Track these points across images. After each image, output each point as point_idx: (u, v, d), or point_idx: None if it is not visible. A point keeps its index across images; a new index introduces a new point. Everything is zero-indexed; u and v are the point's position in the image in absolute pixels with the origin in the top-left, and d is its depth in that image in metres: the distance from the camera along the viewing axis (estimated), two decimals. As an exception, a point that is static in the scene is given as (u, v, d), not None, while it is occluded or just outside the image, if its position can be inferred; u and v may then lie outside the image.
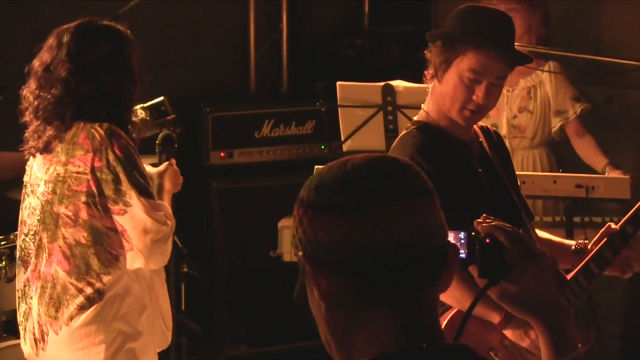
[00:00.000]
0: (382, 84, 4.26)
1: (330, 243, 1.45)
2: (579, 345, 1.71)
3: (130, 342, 3.21)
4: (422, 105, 3.11)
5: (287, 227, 4.53)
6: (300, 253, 1.48)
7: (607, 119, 5.17)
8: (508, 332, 2.93)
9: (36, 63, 3.17)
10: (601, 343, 4.94)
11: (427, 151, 2.95)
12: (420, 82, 4.80)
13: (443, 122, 3.03)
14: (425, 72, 3.07)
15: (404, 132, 3.13)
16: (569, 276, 2.94)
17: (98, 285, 3.18)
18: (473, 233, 1.66)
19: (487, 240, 1.65)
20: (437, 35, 2.99)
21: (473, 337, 2.88)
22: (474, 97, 2.94)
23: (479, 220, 1.69)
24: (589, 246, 3.03)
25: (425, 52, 3.03)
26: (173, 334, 4.38)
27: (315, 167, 4.38)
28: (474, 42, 2.90)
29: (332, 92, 4.39)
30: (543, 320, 1.69)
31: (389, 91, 4.23)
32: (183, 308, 4.98)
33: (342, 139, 4.30)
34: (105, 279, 3.17)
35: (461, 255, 1.60)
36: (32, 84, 3.20)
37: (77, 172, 3.14)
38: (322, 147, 5.37)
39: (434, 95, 3.04)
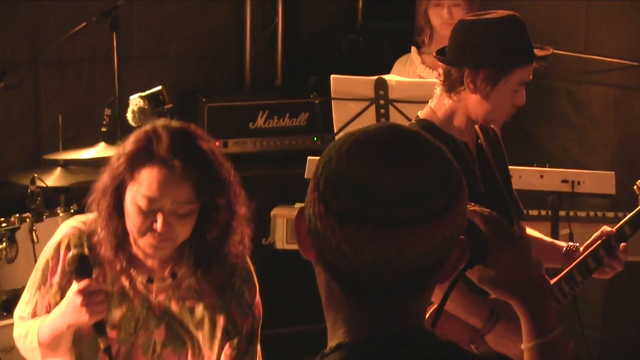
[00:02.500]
0: (375, 77, 4.25)
1: (314, 231, 1.44)
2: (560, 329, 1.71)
3: None
4: (430, 103, 3.11)
5: (279, 215, 4.54)
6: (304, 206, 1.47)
7: (592, 117, 5.18)
8: (489, 339, 2.95)
9: None
10: (584, 336, 4.96)
11: None
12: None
13: (451, 124, 3.07)
14: (442, 84, 3.07)
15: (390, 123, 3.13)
16: (553, 281, 2.96)
17: None
18: None
19: (464, 224, 1.65)
20: (480, 64, 2.99)
21: (455, 330, 2.89)
22: (517, 102, 3.06)
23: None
24: (581, 249, 3.04)
25: (449, 69, 3.04)
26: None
27: (308, 158, 4.38)
28: (525, 61, 3.03)
29: (325, 85, 4.39)
30: (523, 301, 1.68)
31: (381, 85, 4.23)
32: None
33: (335, 131, 4.30)
34: None
35: None
36: None
37: None
38: (315, 138, 5.37)
39: (454, 104, 3.05)
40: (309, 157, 4.37)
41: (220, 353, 2.69)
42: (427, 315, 2.47)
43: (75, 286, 2.49)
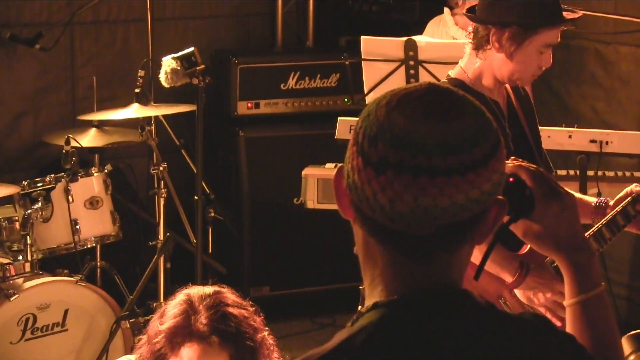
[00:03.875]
0: (404, 39, 4.23)
1: (353, 185, 1.43)
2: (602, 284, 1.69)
3: None
4: (460, 62, 3.10)
5: (310, 175, 4.53)
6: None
7: (621, 77, 5.13)
8: (519, 293, 2.94)
9: None
10: (611, 293, 4.95)
11: None
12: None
13: (481, 83, 3.05)
14: (470, 40, 3.05)
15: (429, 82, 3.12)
16: (587, 233, 2.93)
17: None
18: None
19: (511, 179, 1.63)
20: (505, 22, 2.97)
21: (485, 287, 2.89)
22: (543, 64, 3.03)
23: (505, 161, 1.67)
24: (611, 203, 3.01)
25: (477, 28, 3.03)
26: (200, 275, 4.41)
27: (339, 118, 4.37)
28: (550, 22, 2.99)
29: (356, 46, 4.37)
30: (567, 256, 1.65)
31: (411, 46, 4.20)
32: (210, 251, 5.02)
33: (365, 92, 4.28)
34: None
35: None
36: None
37: None
38: (346, 99, 5.35)
39: (485, 63, 3.03)
40: (339, 118, 4.36)
41: None
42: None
43: None
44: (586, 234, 2.94)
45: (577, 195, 3.13)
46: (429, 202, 1.38)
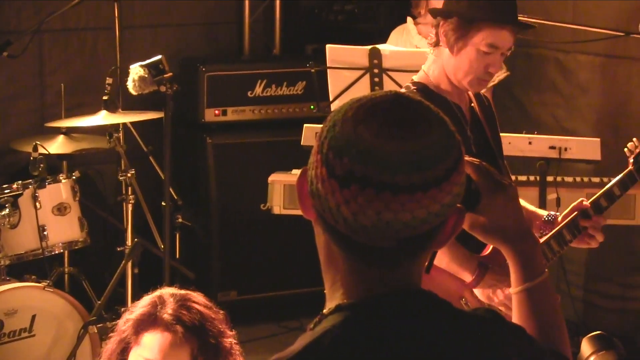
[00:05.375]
0: (369, 47, 4.24)
1: (316, 193, 1.43)
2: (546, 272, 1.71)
3: None
4: (423, 67, 3.09)
5: (277, 181, 4.54)
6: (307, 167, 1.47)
7: (580, 84, 5.18)
8: (478, 291, 2.96)
9: None
10: (570, 296, 4.99)
11: None
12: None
13: (442, 86, 3.03)
14: (429, 40, 3.05)
15: (403, 91, 3.12)
16: (542, 239, 2.95)
17: None
18: None
19: (462, 194, 1.65)
20: (449, 12, 2.96)
21: (446, 289, 2.91)
22: (489, 68, 2.97)
23: None
24: (559, 218, 3.03)
25: (434, 23, 3.02)
26: (168, 279, 4.40)
27: (305, 125, 4.38)
28: (491, 19, 2.93)
29: (322, 54, 4.37)
30: (513, 246, 1.67)
31: (375, 54, 4.22)
32: (178, 256, 5.00)
33: (330, 99, 4.29)
34: None
35: None
36: None
37: None
38: (312, 107, 5.36)
39: (439, 61, 3.03)
40: (305, 125, 4.36)
41: None
42: None
43: None
44: (547, 236, 2.96)
45: (530, 207, 3.16)
46: (391, 217, 1.39)
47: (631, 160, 3.10)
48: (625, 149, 3.14)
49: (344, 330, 1.42)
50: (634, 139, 3.17)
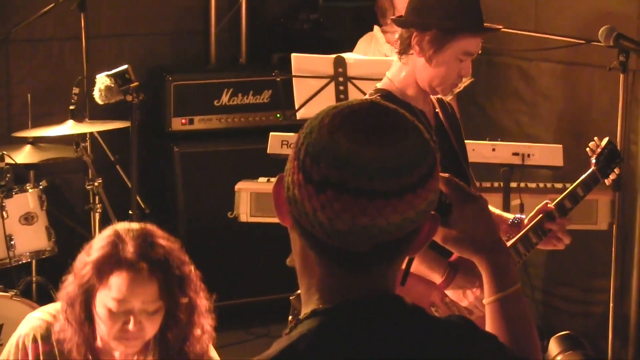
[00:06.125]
0: (334, 56, 4.26)
1: (292, 198, 1.44)
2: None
3: None
4: (387, 73, 3.11)
5: (243, 189, 4.54)
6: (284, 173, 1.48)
7: (542, 92, 5.22)
8: (449, 292, 2.97)
9: None
10: (534, 299, 5.03)
11: None
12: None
13: (408, 92, 3.05)
14: (397, 48, 3.06)
15: (367, 97, 3.13)
16: (509, 242, 2.96)
17: None
18: None
19: (436, 200, 1.66)
20: (427, 25, 2.98)
21: (416, 294, 2.92)
22: (462, 73, 3.02)
23: None
24: (525, 220, 3.05)
25: (401, 32, 3.04)
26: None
27: (270, 134, 4.39)
28: (471, 29, 2.98)
29: (288, 63, 4.39)
30: (486, 256, 1.68)
31: (340, 63, 4.23)
32: (145, 265, 4.98)
33: (296, 107, 4.30)
34: None
35: None
36: None
37: None
38: (278, 115, 5.37)
39: (407, 68, 3.04)
40: (271, 133, 4.37)
41: None
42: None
43: None
44: (513, 240, 2.98)
45: (496, 211, 3.18)
46: (367, 222, 1.40)
47: (593, 160, 3.12)
48: (587, 149, 3.17)
49: (319, 335, 1.43)
50: (595, 138, 3.19)
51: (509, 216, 3.12)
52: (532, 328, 1.70)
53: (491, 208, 3.17)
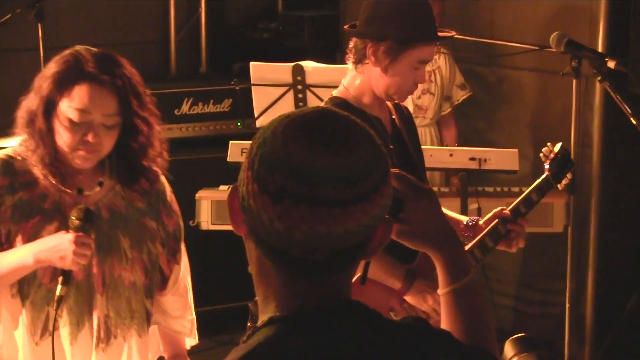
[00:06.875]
0: (292, 64, 4.28)
1: (247, 208, 1.44)
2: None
3: None
4: (343, 81, 3.11)
5: (204, 197, 4.55)
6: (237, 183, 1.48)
7: (499, 97, 5.28)
8: (408, 298, 2.98)
9: None
10: (492, 302, 5.07)
11: None
12: (330, 62, 4.87)
13: (364, 100, 3.05)
14: (348, 57, 3.07)
15: (319, 106, 3.14)
16: (466, 247, 2.98)
17: None
18: None
19: (389, 205, 1.67)
20: (382, 36, 2.99)
21: (375, 300, 2.93)
22: (418, 80, 3.03)
23: None
24: (480, 222, 3.06)
25: (356, 42, 3.03)
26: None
27: (230, 142, 4.40)
28: (426, 38, 2.99)
29: (248, 72, 4.40)
30: (438, 249, 1.70)
31: (299, 71, 4.26)
32: (107, 274, 4.96)
33: (255, 115, 4.32)
34: None
35: None
36: None
37: None
38: (238, 124, 5.38)
39: (362, 77, 3.05)
40: (231, 142, 4.38)
41: (148, 255, 2.79)
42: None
43: (71, 235, 2.54)
44: (470, 245, 3.00)
45: (451, 214, 3.21)
46: (324, 231, 1.40)
47: (547, 166, 3.14)
48: (541, 154, 3.20)
49: (277, 343, 1.44)
50: (549, 144, 3.22)
51: (464, 218, 3.14)
52: (488, 319, 1.72)
53: (446, 211, 3.21)
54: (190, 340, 2.99)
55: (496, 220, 3.01)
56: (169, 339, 2.94)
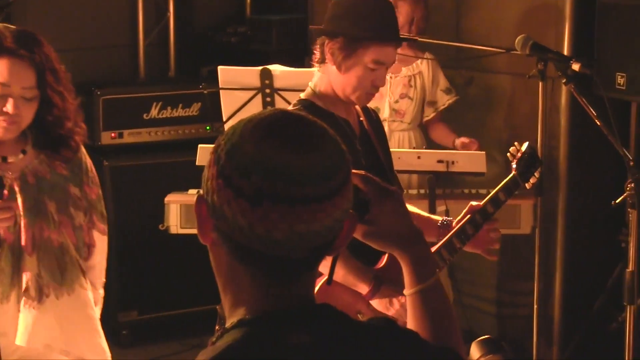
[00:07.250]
0: (260, 68, 4.28)
1: (221, 215, 1.44)
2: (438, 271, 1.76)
3: None
4: (310, 84, 3.11)
5: (173, 201, 4.54)
6: (202, 193, 1.47)
7: (466, 100, 5.30)
8: (375, 302, 2.98)
9: None
10: (460, 303, 5.09)
11: None
12: (298, 66, 4.88)
13: (329, 102, 3.05)
14: (313, 57, 3.08)
15: (290, 108, 3.14)
16: (433, 248, 2.98)
17: None
18: None
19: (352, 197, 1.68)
20: (335, 33, 2.99)
21: (343, 303, 2.93)
22: (376, 83, 3.01)
23: None
24: (454, 223, 3.07)
25: (319, 41, 3.04)
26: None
27: (199, 146, 4.39)
28: (379, 38, 2.97)
29: (216, 76, 4.40)
30: (405, 249, 1.71)
31: (266, 75, 4.26)
32: (76, 279, 4.94)
33: (224, 119, 4.32)
34: None
35: None
36: None
37: None
38: (207, 127, 5.38)
39: (326, 78, 3.05)
40: (200, 145, 4.38)
41: (72, 220, 2.96)
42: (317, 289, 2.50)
43: None
44: (438, 245, 3.01)
45: (424, 214, 3.21)
46: (303, 228, 1.42)
47: (514, 165, 3.15)
48: (508, 154, 3.21)
49: (246, 345, 1.44)
50: (516, 143, 3.24)
51: (438, 218, 3.14)
52: (453, 319, 1.74)
53: (418, 211, 3.22)
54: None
55: (468, 216, 3.01)
56: None
